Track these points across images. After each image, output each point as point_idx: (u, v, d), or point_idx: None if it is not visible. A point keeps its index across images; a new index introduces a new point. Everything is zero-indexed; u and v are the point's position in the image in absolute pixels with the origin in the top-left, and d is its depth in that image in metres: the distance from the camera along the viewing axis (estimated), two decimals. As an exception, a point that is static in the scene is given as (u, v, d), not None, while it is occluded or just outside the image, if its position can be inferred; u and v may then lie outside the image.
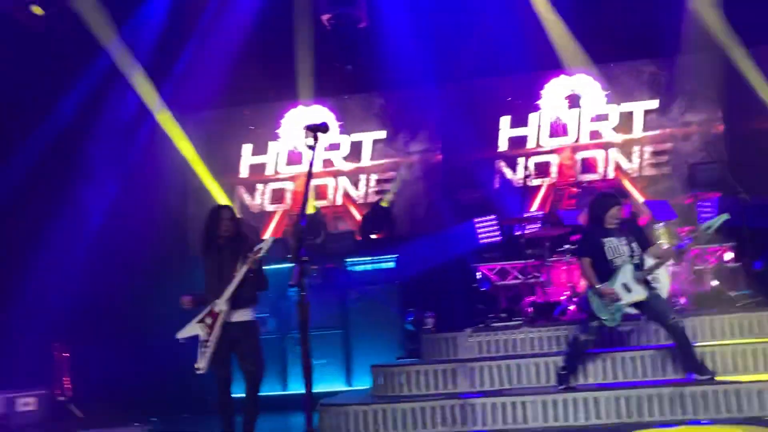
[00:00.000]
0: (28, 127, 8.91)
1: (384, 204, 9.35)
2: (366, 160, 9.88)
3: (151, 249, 8.57)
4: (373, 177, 9.85)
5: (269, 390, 5.49)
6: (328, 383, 7.80)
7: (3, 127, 8.75)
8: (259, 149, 10.04)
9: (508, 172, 9.54)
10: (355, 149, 9.91)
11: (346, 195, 9.90)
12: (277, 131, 9.96)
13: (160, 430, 7.04)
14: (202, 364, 5.05)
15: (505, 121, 9.60)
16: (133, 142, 9.12)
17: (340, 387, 7.82)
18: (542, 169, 9.44)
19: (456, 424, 5.38)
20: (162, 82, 9.20)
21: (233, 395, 5.26)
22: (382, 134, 9.88)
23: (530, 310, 6.91)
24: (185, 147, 9.33)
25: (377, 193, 9.74)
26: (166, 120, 9.23)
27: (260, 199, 10.00)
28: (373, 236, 8.87)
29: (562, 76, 9.41)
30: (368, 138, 9.90)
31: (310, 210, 8.74)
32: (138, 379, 8.10)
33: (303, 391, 3.95)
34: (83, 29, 8.66)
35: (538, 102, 9.52)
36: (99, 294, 8.27)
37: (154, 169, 9.09)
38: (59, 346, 8.02)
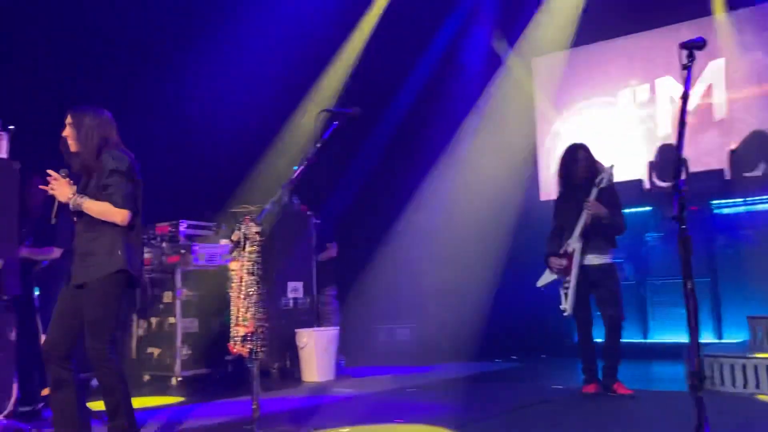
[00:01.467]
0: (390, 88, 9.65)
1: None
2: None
3: (502, 192, 8.78)
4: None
5: (629, 337, 5.31)
6: (693, 333, 7.26)
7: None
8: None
9: None
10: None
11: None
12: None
13: (523, 368, 7.34)
14: (566, 305, 5.08)
15: None
16: (482, 89, 9.34)
17: (709, 339, 7.23)
18: None
19: None
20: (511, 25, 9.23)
21: (594, 340, 5.23)
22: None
23: None
24: (532, 90, 9.31)
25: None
26: (517, 64, 9.30)
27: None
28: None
29: None
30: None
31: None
32: (497, 320, 8.52)
33: (665, 340, 3.70)
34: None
35: None
36: (462, 237, 8.76)
37: (501, 112, 9.22)
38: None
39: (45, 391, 4.43)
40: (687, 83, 2.36)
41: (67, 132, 3.66)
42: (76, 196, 3.47)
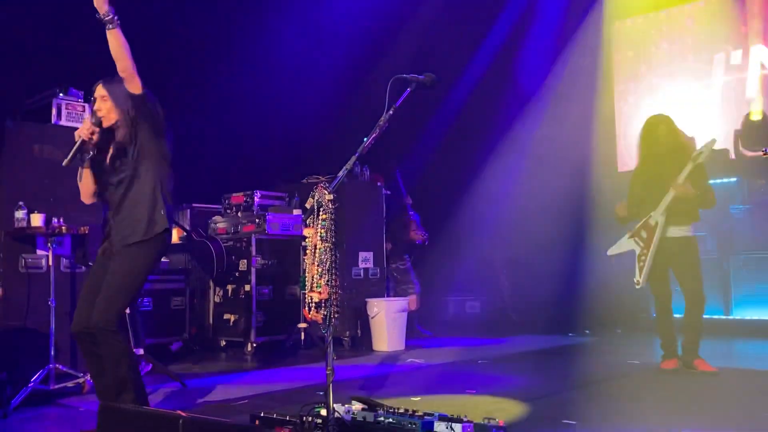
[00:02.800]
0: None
1: None
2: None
3: (578, 162, 8.55)
4: None
5: (710, 313, 5.11)
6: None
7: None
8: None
9: None
10: None
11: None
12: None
13: (597, 342, 7.20)
14: (640, 277, 4.94)
15: None
16: (557, 56, 9.08)
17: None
18: None
19: None
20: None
21: (674, 314, 5.06)
22: None
23: None
24: (611, 56, 8.98)
25: None
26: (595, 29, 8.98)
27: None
28: None
29: None
30: None
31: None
32: (570, 294, 8.35)
33: (749, 317, 3.53)
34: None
35: None
36: (536, 209, 8.62)
37: (578, 79, 8.93)
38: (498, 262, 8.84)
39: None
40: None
41: (100, 105, 3.44)
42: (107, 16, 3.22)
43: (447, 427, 2.82)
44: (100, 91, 3.45)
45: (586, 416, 3.55)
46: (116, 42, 3.24)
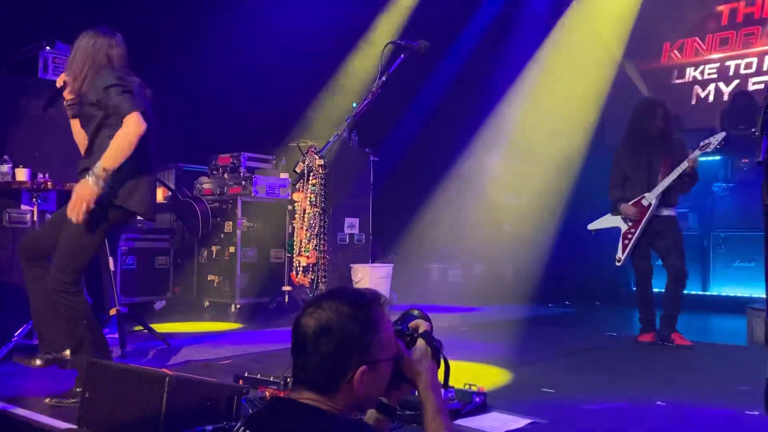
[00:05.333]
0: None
1: None
2: None
3: (565, 136, 8.57)
4: None
5: (688, 289, 5.21)
6: (756, 287, 7.07)
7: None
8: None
9: None
10: None
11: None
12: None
13: (576, 314, 7.31)
14: (622, 255, 5.01)
15: None
16: (551, 27, 9.04)
17: (773, 294, 7.02)
18: None
19: None
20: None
21: (653, 289, 5.16)
22: None
23: None
24: (604, 28, 8.93)
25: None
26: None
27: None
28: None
29: None
30: None
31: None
32: (551, 265, 8.45)
33: (726, 293, 3.61)
34: None
35: None
36: (521, 180, 8.65)
37: (569, 54, 8.91)
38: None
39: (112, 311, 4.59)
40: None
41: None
42: (89, 177, 3.10)
43: (429, 392, 2.86)
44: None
45: (564, 385, 3.62)
46: (113, 158, 3.12)
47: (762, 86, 7.73)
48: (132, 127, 3.13)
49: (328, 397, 1.61)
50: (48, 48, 4.94)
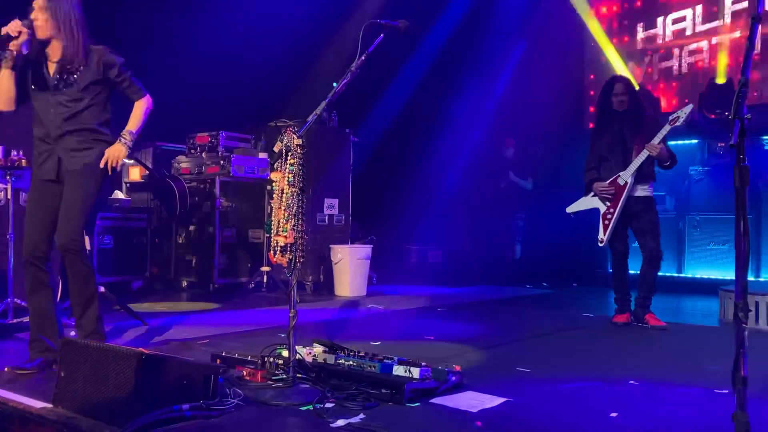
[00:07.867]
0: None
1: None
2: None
3: (553, 116, 8.60)
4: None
5: (663, 271, 5.29)
6: (729, 269, 7.20)
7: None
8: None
9: None
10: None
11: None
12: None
13: (553, 295, 7.38)
14: (604, 236, 5.05)
15: None
16: (536, 7, 9.02)
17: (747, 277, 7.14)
18: None
19: None
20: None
21: (629, 271, 5.23)
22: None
23: None
24: (584, 10, 8.94)
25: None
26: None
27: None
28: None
29: None
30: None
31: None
32: (528, 247, 8.52)
33: (700, 275, 3.67)
34: None
35: None
36: (500, 162, 8.68)
37: (552, 34, 8.91)
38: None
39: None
40: (761, 3, 2.21)
41: (38, 15, 3.27)
42: (120, 141, 3.45)
43: (405, 371, 2.89)
44: (39, 1, 3.30)
45: (540, 364, 3.66)
46: (137, 123, 3.53)
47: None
48: (150, 102, 3.57)
49: None
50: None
